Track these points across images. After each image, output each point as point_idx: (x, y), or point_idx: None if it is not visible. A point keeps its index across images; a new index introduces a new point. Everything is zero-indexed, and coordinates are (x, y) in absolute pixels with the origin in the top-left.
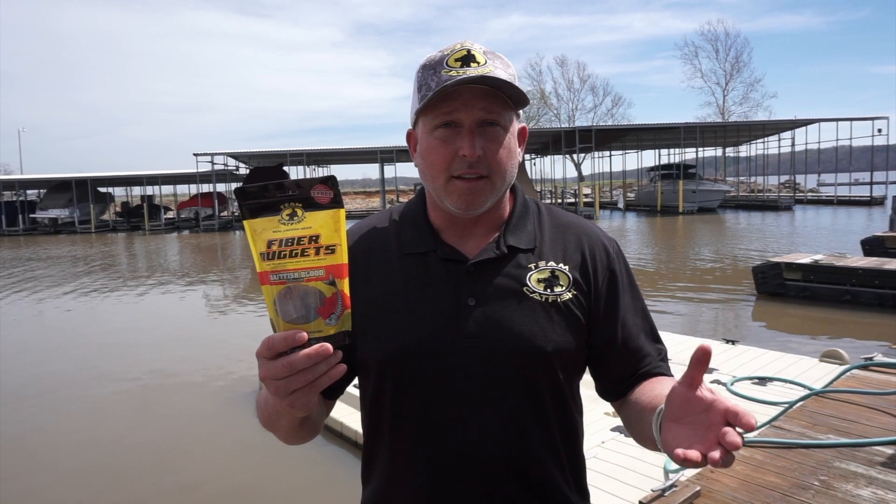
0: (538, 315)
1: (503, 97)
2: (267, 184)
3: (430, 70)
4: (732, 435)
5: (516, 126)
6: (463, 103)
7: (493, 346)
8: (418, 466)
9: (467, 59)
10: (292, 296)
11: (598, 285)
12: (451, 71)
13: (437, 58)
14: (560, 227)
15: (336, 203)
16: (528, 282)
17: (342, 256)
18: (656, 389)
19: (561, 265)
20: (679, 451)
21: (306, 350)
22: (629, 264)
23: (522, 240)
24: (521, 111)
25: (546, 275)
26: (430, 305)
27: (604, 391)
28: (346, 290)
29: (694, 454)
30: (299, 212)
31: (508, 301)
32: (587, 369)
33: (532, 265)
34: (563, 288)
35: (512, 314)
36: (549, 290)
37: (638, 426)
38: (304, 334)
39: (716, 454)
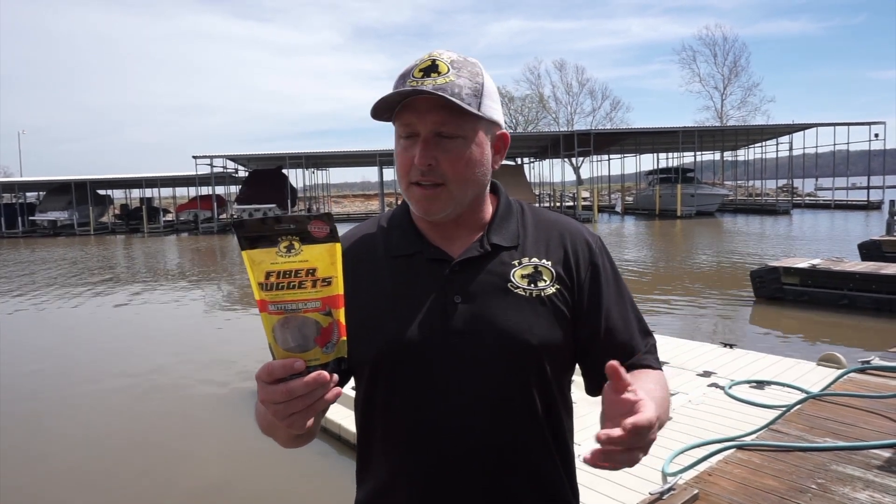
0: (523, 310)
1: (462, 107)
2: (265, 217)
3: (400, 80)
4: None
5: (487, 133)
6: (418, 115)
7: (480, 341)
8: (412, 465)
9: (429, 69)
10: (290, 326)
11: (580, 279)
12: (413, 81)
13: (409, 67)
14: (543, 225)
15: (332, 237)
16: (512, 278)
17: (338, 288)
18: None
19: (544, 261)
20: (585, 455)
21: (305, 378)
22: (616, 264)
23: (505, 238)
24: (497, 118)
25: (529, 270)
26: (417, 305)
27: (591, 387)
28: (342, 320)
29: (596, 454)
30: (297, 245)
31: (494, 297)
32: (576, 368)
33: (516, 262)
34: (547, 283)
35: (497, 310)
36: (532, 286)
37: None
38: (303, 363)
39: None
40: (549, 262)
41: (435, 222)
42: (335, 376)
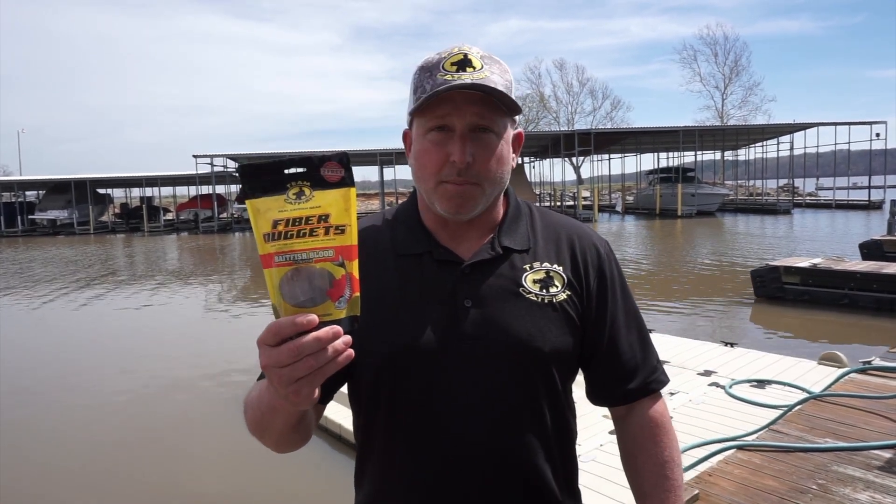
0: (535, 316)
1: (497, 103)
2: (272, 161)
3: (426, 72)
4: None
5: (511, 132)
6: (456, 108)
7: (490, 347)
8: (413, 468)
9: (463, 63)
10: (300, 277)
11: (589, 286)
12: (446, 75)
13: (435, 60)
14: (552, 228)
15: (347, 182)
16: (524, 282)
17: (352, 237)
18: (648, 479)
19: (555, 266)
20: None
21: (316, 332)
22: (621, 266)
23: (517, 241)
24: (517, 117)
25: (541, 275)
26: (426, 307)
27: (591, 395)
28: (356, 273)
29: None
30: (307, 191)
31: (505, 302)
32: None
33: (527, 266)
34: (559, 288)
35: (509, 315)
36: (544, 291)
37: (632, 487)
38: (315, 317)
39: None
40: (561, 268)
41: (444, 221)
42: (348, 337)
